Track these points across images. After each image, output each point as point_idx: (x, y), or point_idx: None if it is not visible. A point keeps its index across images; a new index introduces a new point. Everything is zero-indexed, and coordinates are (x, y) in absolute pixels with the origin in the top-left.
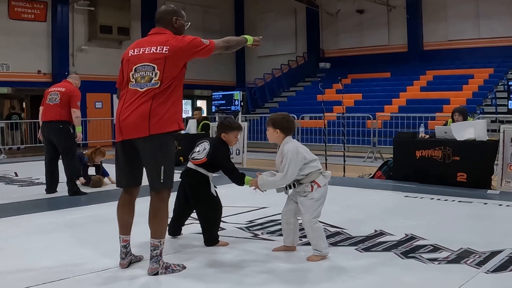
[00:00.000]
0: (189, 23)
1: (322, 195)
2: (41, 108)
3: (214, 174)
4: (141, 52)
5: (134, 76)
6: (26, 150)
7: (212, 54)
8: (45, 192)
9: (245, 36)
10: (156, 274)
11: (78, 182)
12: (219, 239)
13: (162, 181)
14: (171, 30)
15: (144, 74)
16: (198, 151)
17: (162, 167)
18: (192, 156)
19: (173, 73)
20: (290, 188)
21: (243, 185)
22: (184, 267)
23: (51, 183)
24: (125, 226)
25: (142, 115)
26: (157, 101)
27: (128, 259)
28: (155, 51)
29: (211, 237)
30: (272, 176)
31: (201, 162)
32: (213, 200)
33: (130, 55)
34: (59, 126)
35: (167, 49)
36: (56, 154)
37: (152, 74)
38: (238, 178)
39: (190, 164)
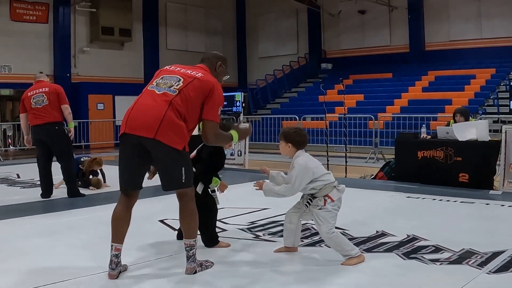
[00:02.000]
0: (229, 76)
1: (336, 208)
2: (22, 115)
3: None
4: (176, 69)
5: (157, 82)
6: (28, 151)
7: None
8: (41, 197)
9: (231, 133)
10: (195, 272)
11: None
12: (219, 239)
13: (183, 181)
14: (212, 72)
15: (167, 82)
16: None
17: (183, 168)
18: None
19: (192, 97)
20: (309, 205)
21: (208, 184)
22: (212, 263)
23: (47, 188)
24: (119, 234)
25: (154, 115)
26: (172, 109)
27: (118, 270)
28: (187, 72)
29: (210, 237)
30: (279, 177)
31: (192, 158)
32: (208, 198)
33: (165, 68)
34: (55, 128)
35: (200, 75)
36: (50, 157)
37: (175, 83)
38: (207, 177)
39: None
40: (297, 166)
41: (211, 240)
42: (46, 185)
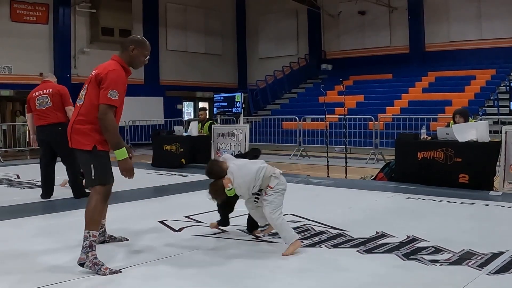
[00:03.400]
0: (147, 58)
1: (278, 190)
2: (29, 115)
3: None
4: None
5: (81, 94)
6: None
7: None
8: (41, 197)
9: (120, 150)
10: (83, 265)
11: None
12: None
13: (93, 177)
14: (126, 57)
15: (82, 92)
16: None
17: (92, 165)
18: None
19: (93, 95)
20: (257, 200)
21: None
22: (117, 272)
23: (48, 188)
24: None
25: (68, 129)
26: (78, 120)
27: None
28: (92, 73)
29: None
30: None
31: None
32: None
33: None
34: (58, 129)
35: (96, 71)
36: (53, 158)
37: (83, 91)
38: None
39: None
40: (239, 188)
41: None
42: (47, 186)
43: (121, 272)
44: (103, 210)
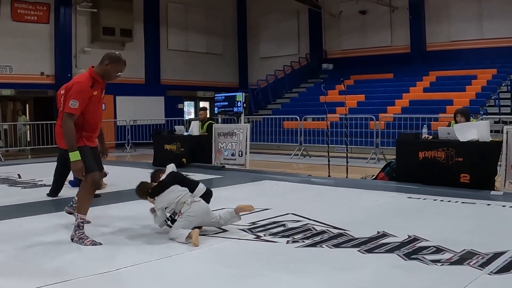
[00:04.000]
0: (121, 73)
1: (186, 217)
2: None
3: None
4: None
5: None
6: (29, 151)
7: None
8: (46, 195)
9: (73, 152)
10: (72, 240)
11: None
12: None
13: None
14: (101, 71)
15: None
16: None
17: None
18: None
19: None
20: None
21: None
22: (98, 244)
23: (58, 188)
24: None
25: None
26: (58, 125)
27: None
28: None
29: None
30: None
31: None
32: None
33: None
34: None
35: (68, 83)
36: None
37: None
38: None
39: None
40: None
41: None
42: (58, 184)
43: (101, 244)
44: (90, 198)
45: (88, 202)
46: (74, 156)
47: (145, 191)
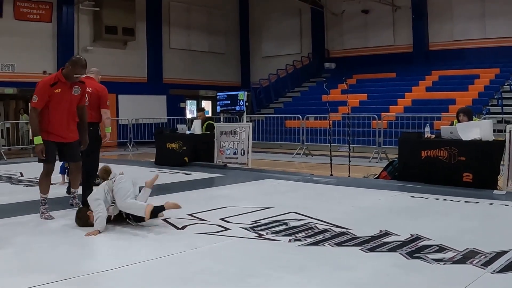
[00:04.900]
0: (79, 76)
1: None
2: None
3: None
4: None
5: None
6: (31, 150)
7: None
8: (66, 192)
9: (36, 137)
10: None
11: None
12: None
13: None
14: (65, 72)
15: None
16: None
17: None
18: None
19: None
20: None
21: None
22: (51, 218)
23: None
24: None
25: None
26: None
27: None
28: None
29: None
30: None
31: None
32: None
33: None
34: (90, 128)
35: None
36: (87, 154)
37: None
38: None
39: None
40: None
41: None
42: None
43: (53, 218)
44: (44, 182)
45: (42, 184)
46: (37, 140)
47: (86, 219)
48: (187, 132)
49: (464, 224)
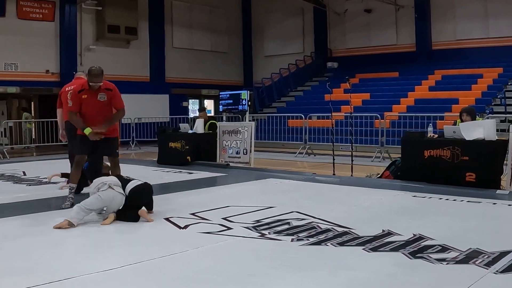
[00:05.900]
0: (93, 84)
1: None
2: (59, 110)
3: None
4: None
5: None
6: (34, 149)
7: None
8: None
9: (85, 129)
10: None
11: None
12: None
13: None
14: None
15: None
16: None
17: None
18: None
19: None
20: None
21: None
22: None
23: (80, 185)
24: None
25: None
26: None
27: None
28: None
29: None
30: None
31: None
32: None
33: None
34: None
35: None
36: (92, 151)
37: None
38: None
39: None
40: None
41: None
42: (80, 183)
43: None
44: (78, 172)
45: (74, 175)
46: (87, 130)
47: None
48: (190, 131)
49: (467, 224)
